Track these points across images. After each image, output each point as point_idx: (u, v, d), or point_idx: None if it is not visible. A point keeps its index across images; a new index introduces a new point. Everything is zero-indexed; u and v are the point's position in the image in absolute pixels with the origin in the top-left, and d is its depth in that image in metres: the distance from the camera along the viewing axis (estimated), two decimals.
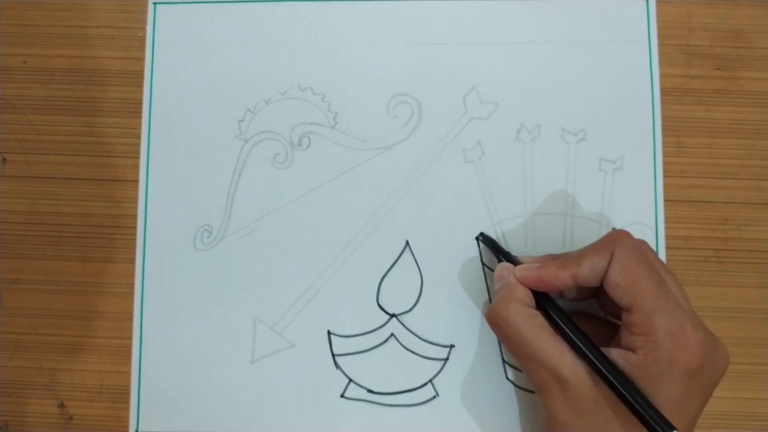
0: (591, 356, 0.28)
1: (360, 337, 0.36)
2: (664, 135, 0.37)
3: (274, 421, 0.36)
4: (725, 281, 0.36)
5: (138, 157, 0.38)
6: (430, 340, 0.36)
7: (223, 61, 0.38)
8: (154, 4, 0.39)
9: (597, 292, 0.32)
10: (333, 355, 0.36)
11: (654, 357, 0.28)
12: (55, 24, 0.39)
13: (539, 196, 0.36)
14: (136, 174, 0.38)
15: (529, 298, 0.31)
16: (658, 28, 0.37)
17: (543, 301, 0.31)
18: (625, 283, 0.28)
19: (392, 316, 0.36)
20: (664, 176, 0.37)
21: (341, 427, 0.36)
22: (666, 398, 0.27)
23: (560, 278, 0.30)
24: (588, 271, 0.30)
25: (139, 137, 0.38)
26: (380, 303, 0.36)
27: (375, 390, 0.36)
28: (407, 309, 0.36)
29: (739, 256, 0.36)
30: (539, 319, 0.30)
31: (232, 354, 0.36)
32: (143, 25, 0.38)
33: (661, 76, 0.37)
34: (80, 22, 0.39)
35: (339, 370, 0.36)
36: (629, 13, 0.38)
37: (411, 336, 0.36)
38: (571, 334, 0.29)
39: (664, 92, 0.37)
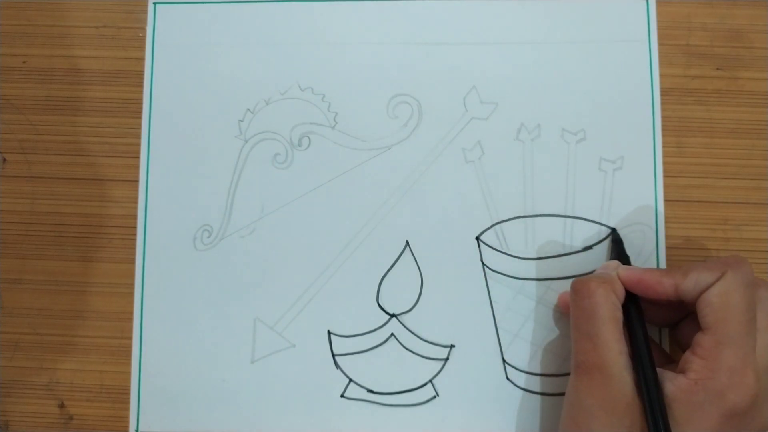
0: (643, 366, 0.29)
1: (360, 337, 0.36)
2: (664, 135, 0.37)
3: (274, 421, 0.36)
4: None
5: (138, 157, 0.38)
6: (430, 340, 0.36)
7: (223, 61, 0.38)
8: (154, 4, 0.39)
9: (677, 322, 0.33)
10: (333, 355, 0.36)
11: (703, 386, 0.27)
12: (55, 24, 0.39)
13: (539, 196, 0.36)
14: (136, 174, 0.38)
15: (621, 295, 0.31)
16: (658, 28, 0.37)
17: (630, 304, 0.31)
18: (717, 304, 0.28)
19: (392, 316, 0.36)
20: (664, 176, 0.37)
21: (341, 427, 0.36)
22: (696, 430, 0.27)
23: (662, 283, 0.30)
24: (692, 284, 0.29)
25: (139, 137, 0.38)
26: (380, 303, 0.36)
27: (375, 390, 0.36)
28: (407, 309, 0.36)
29: None
30: (619, 314, 0.30)
31: (232, 354, 0.36)
32: (143, 25, 0.38)
33: (661, 76, 0.37)
34: (80, 22, 0.39)
35: (339, 370, 0.36)
36: (629, 13, 0.38)
37: (411, 336, 0.36)
38: (638, 339, 0.29)
39: (664, 92, 0.37)
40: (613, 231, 0.36)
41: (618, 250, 0.35)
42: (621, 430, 0.28)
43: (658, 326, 0.35)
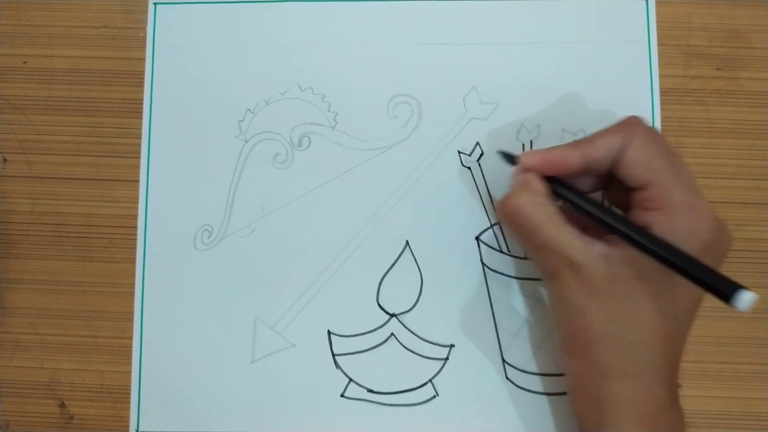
0: (624, 225, 0.28)
1: (360, 336, 0.36)
2: (663, 135, 0.37)
3: (274, 421, 0.36)
4: None
5: (138, 157, 0.38)
6: (430, 339, 0.36)
7: (223, 61, 0.38)
8: (154, 4, 0.39)
9: (606, 184, 0.33)
10: (333, 355, 0.36)
11: (673, 232, 0.28)
12: (55, 24, 0.39)
13: None
14: (136, 174, 0.38)
15: (542, 190, 0.30)
16: (658, 28, 0.37)
17: (558, 186, 0.31)
18: (643, 159, 0.29)
19: (392, 315, 0.36)
20: None
21: (341, 427, 0.36)
22: None
23: (570, 157, 0.30)
24: (602, 151, 0.30)
25: (139, 137, 0.38)
26: (380, 303, 0.36)
27: (375, 390, 0.36)
28: (407, 309, 0.36)
29: (738, 256, 0.36)
30: (550, 208, 0.30)
31: (232, 354, 0.36)
32: (143, 25, 0.39)
33: (661, 76, 0.37)
34: (80, 22, 0.39)
35: (339, 370, 0.36)
36: (629, 13, 0.38)
37: (411, 336, 0.36)
38: (594, 209, 0.29)
39: (664, 92, 0.37)
40: (499, 152, 0.34)
41: (509, 156, 0.33)
42: (616, 304, 0.28)
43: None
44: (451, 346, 0.36)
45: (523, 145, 0.37)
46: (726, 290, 0.25)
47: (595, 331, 0.29)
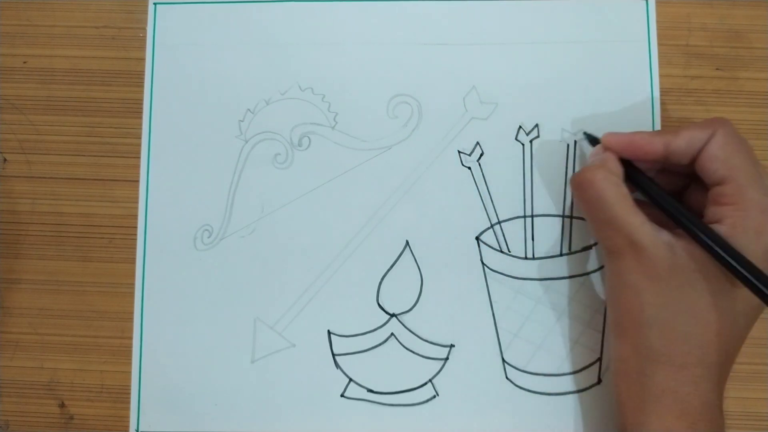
0: (689, 220, 0.29)
1: (360, 336, 0.36)
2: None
3: (274, 421, 0.36)
4: None
5: (138, 157, 0.38)
6: (430, 339, 0.36)
7: (223, 61, 0.38)
8: (155, 4, 0.39)
9: (685, 186, 0.33)
10: (333, 355, 0.36)
11: (742, 227, 0.28)
12: (55, 24, 0.39)
13: (539, 196, 0.36)
14: (136, 174, 0.38)
15: (619, 171, 0.31)
16: (658, 28, 0.37)
17: (634, 173, 0.32)
18: (724, 155, 0.29)
19: (392, 315, 0.36)
20: None
21: (341, 427, 0.36)
22: None
23: (653, 143, 0.31)
24: (685, 143, 0.30)
25: (139, 137, 0.38)
26: (380, 303, 0.36)
27: (375, 390, 0.36)
28: (407, 309, 0.36)
29: None
30: (624, 189, 0.30)
31: (232, 354, 0.36)
32: (143, 26, 0.39)
33: (661, 76, 0.37)
34: (80, 22, 0.39)
35: (339, 370, 0.36)
36: (629, 13, 0.38)
37: (411, 336, 0.36)
38: (657, 196, 0.30)
39: (664, 92, 0.37)
40: (584, 133, 0.36)
41: (594, 139, 0.34)
42: (672, 292, 0.29)
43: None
44: (451, 346, 0.36)
45: (523, 145, 0.37)
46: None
47: (647, 315, 0.29)
